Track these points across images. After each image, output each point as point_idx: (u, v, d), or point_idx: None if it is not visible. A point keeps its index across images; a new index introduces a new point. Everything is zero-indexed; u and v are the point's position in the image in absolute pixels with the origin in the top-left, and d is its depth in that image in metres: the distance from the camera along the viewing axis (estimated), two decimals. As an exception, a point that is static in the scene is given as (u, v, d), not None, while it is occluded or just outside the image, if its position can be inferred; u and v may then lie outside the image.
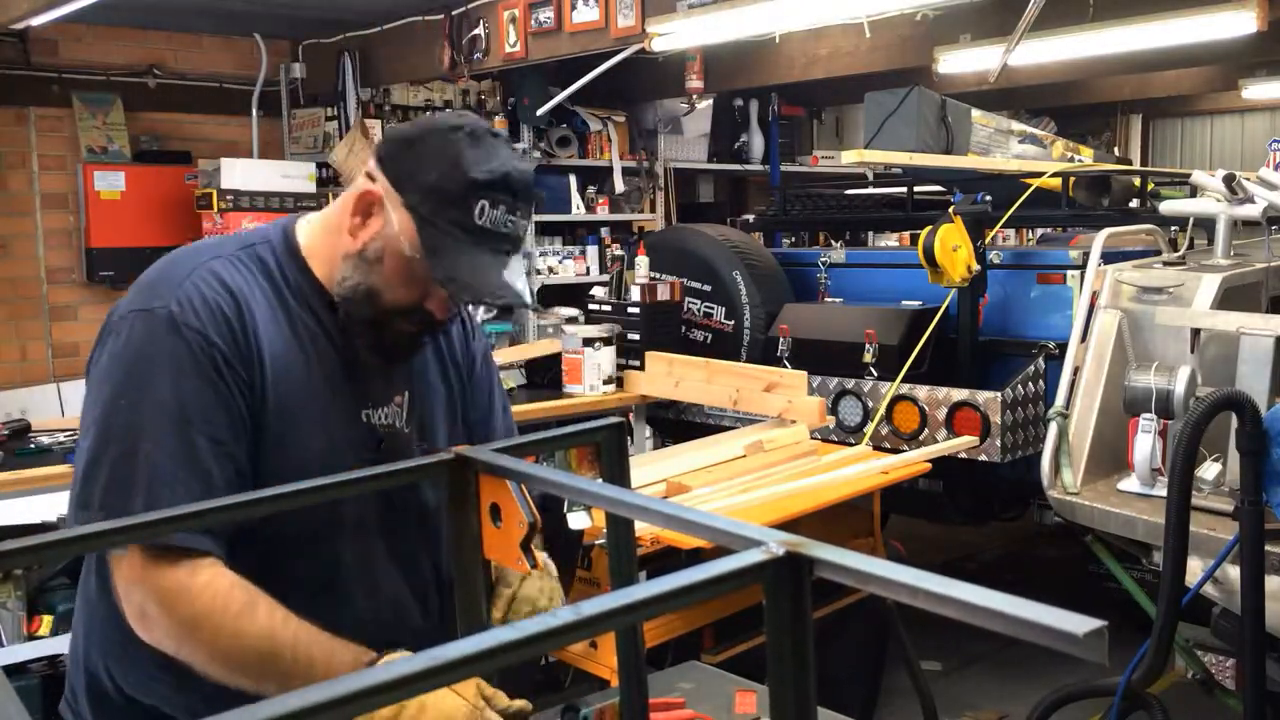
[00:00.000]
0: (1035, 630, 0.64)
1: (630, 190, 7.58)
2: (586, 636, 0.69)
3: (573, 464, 3.74)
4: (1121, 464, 3.49)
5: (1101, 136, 10.75)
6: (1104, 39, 4.88)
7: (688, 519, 0.88)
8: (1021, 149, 5.86)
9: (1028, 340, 4.35)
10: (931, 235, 4.07)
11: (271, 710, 0.57)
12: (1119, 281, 3.79)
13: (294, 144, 6.64)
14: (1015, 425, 3.99)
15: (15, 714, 0.73)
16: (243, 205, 5.75)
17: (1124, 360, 3.57)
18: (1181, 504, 2.56)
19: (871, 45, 5.72)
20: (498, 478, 1.12)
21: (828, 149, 8.48)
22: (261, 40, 6.34)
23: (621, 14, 4.63)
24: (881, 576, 0.72)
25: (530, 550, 1.18)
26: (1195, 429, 2.53)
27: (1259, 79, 7.84)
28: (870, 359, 4.34)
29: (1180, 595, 2.60)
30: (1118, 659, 1.54)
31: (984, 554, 5.86)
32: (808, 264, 5.20)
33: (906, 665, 3.64)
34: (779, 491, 3.28)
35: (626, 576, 1.13)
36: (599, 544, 2.94)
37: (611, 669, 2.89)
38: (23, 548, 0.92)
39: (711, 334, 4.99)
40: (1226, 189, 3.91)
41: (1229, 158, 10.48)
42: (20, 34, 5.64)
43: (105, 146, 6.07)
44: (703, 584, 0.72)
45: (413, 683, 0.62)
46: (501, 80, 6.95)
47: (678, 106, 7.78)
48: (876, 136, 5.28)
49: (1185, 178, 4.75)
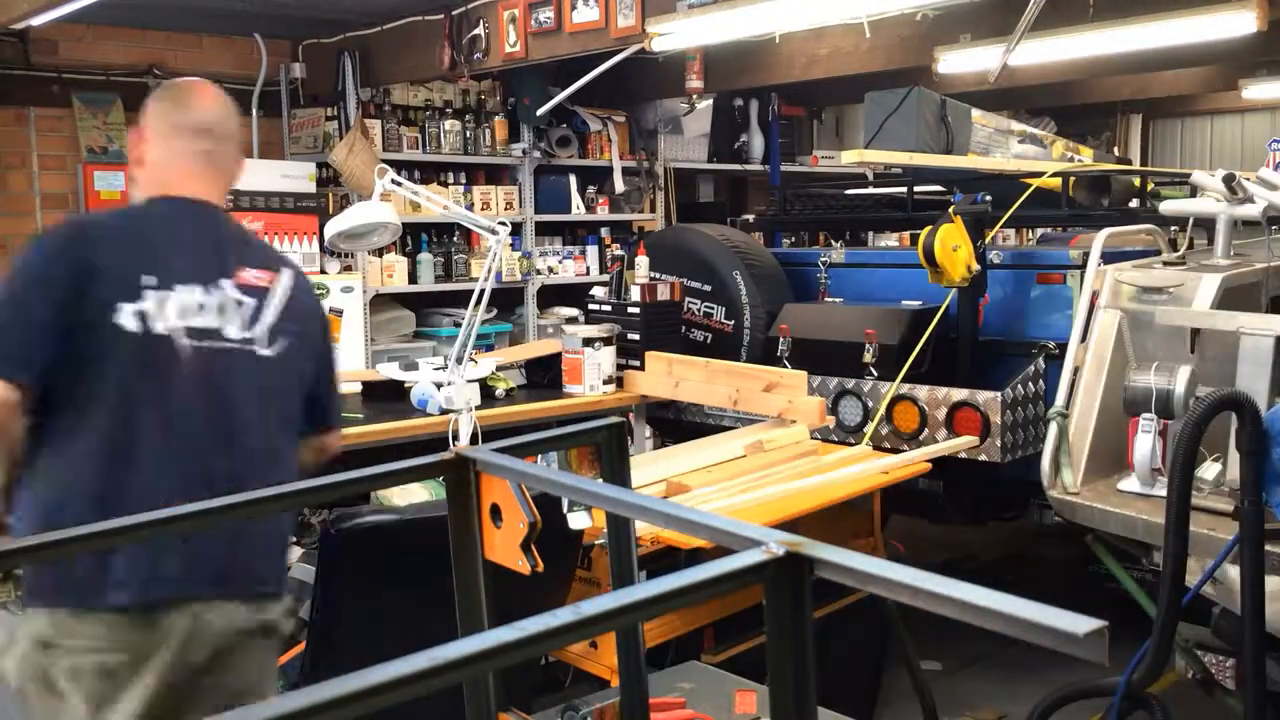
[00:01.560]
0: (1035, 630, 0.64)
1: (630, 190, 7.57)
2: (586, 636, 0.69)
3: (573, 464, 3.74)
4: (1121, 464, 3.49)
5: (1101, 136, 10.74)
6: (1104, 39, 4.88)
7: (688, 519, 0.89)
8: (1021, 149, 5.86)
9: (1028, 340, 4.35)
10: (931, 235, 4.07)
11: (271, 710, 0.57)
12: (1119, 281, 3.79)
13: (294, 144, 6.64)
14: (1015, 425, 3.99)
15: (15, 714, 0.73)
16: (243, 205, 5.75)
17: (1124, 360, 3.57)
18: (1181, 504, 2.56)
19: (871, 45, 5.72)
20: (498, 478, 1.13)
21: (828, 149, 8.47)
22: (261, 40, 6.34)
23: (621, 14, 4.63)
24: (881, 576, 0.72)
25: (531, 550, 1.18)
26: (1195, 429, 2.53)
27: (1259, 79, 7.84)
28: (870, 359, 4.34)
29: (1180, 595, 2.60)
30: (1118, 659, 1.54)
31: (984, 554, 5.87)
32: (808, 264, 5.20)
33: (906, 665, 3.64)
34: (779, 491, 3.28)
35: (626, 576, 1.13)
36: (599, 544, 2.94)
37: (611, 669, 2.89)
38: (23, 548, 0.92)
39: (711, 334, 4.99)
40: (1226, 189, 3.91)
41: (1229, 158, 10.48)
42: (20, 34, 5.64)
43: (105, 146, 6.06)
44: (703, 584, 0.72)
45: (413, 682, 0.62)
46: (501, 80, 6.96)
47: (678, 106, 7.78)
48: (876, 136, 5.29)
49: (1185, 178, 4.75)
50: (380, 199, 3.58)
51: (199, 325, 2.04)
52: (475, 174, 6.95)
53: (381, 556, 2.34)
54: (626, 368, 4.67)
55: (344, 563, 2.31)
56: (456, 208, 4.13)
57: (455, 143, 6.74)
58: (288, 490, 1.10)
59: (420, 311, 6.75)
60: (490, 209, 6.83)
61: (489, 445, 1.15)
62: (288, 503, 1.12)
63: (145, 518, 1.00)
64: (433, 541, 1.36)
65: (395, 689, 0.61)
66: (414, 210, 5.92)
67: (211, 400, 2.04)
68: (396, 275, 6.48)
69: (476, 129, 6.83)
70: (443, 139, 6.69)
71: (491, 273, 3.62)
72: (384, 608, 2.37)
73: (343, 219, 3.56)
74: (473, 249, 6.79)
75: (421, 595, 1.88)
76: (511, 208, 6.98)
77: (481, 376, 4.20)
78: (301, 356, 2.19)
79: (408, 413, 4.03)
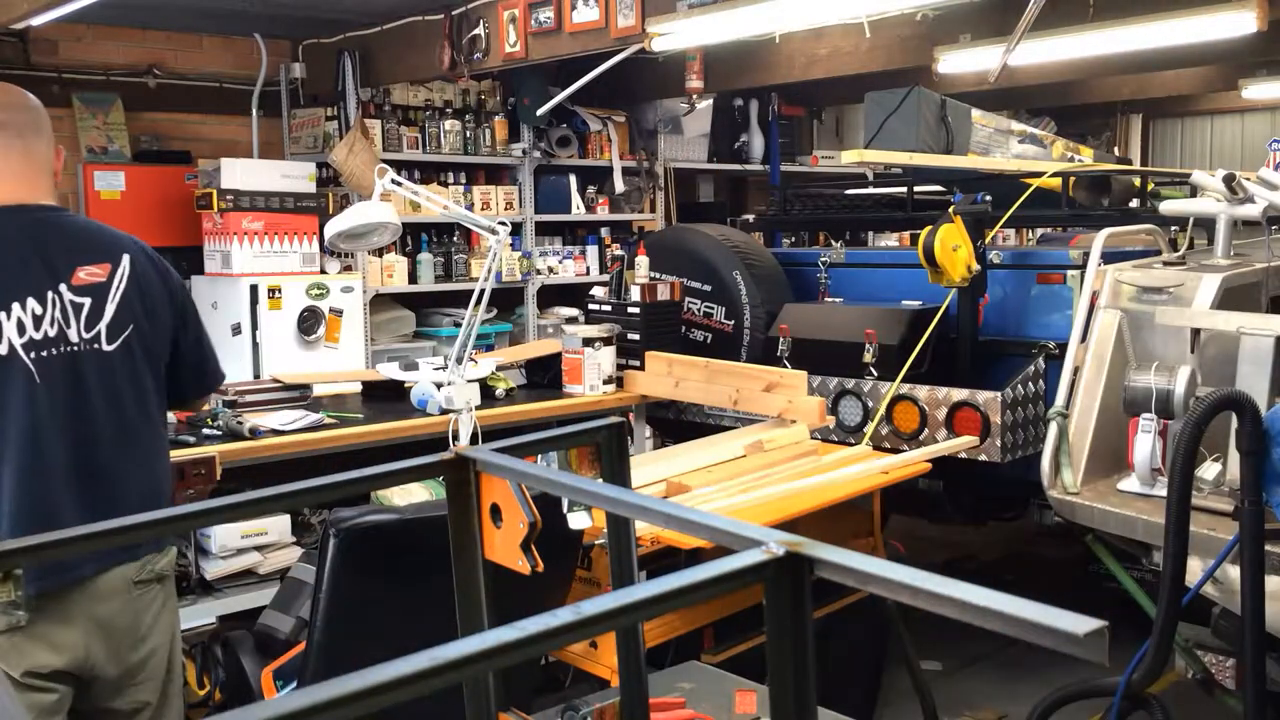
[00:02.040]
0: (1035, 630, 0.64)
1: (630, 190, 7.57)
2: (586, 636, 0.69)
3: (573, 464, 3.74)
4: (1121, 464, 3.49)
5: (1101, 136, 10.75)
6: (1104, 39, 4.88)
7: (688, 519, 0.89)
8: (1021, 149, 5.86)
9: (1028, 340, 4.35)
10: (931, 235, 4.07)
11: (272, 710, 0.57)
12: (1119, 281, 3.79)
13: (294, 144, 6.64)
14: (1015, 425, 3.99)
15: (15, 714, 0.73)
16: (243, 205, 5.75)
17: (1124, 360, 3.57)
18: (1181, 504, 2.56)
19: (871, 45, 5.72)
20: (498, 478, 1.12)
21: (828, 149, 8.47)
22: (261, 40, 6.34)
23: (621, 14, 4.63)
24: (881, 576, 0.72)
25: (531, 550, 1.18)
26: (1195, 429, 2.53)
27: (1259, 79, 7.84)
28: (870, 359, 4.34)
29: (1180, 595, 2.60)
30: (1118, 659, 1.54)
31: (984, 554, 5.86)
32: (808, 264, 5.20)
33: (906, 665, 3.64)
34: (779, 491, 3.28)
35: (626, 576, 1.13)
36: (599, 544, 2.94)
37: (611, 669, 2.89)
38: (23, 548, 0.92)
39: (711, 334, 4.99)
40: (1226, 189, 3.91)
41: (1229, 158, 10.48)
42: (20, 34, 5.64)
43: (105, 146, 6.07)
44: (703, 584, 0.72)
45: (413, 682, 0.62)
46: (501, 80, 6.96)
47: (678, 106, 7.78)
48: (876, 136, 5.29)
49: (1185, 178, 4.75)
50: (380, 199, 3.58)
51: (40, 337, 2.15)
52: (475, 174, 6.95)
53: (381, 556, 2.34)
54: (626, 368, 4.67)
55: (344, 562, 2.30)
56: (456, 208, 4.13)
57: (455, 143, 6.74)
58: (287, 490, 1.10)
59: (420, 311, 6.75)
60: (490, 209, 6.83)
61: (489, 445, 1.15)
62: (287, 503, 1.12)
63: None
64: (433, 541, 1.36)
65: (395, 689, 0.61)
66: (414, 210, 5.92)
67: (66, 408, 2.18)
68: (396, 275, 6.48)
69: (476, 129, 6.83)
70: (443, 139, 6.69)
71: (491, 273, 3.62)
72: (384, 608, 2.37)
73: (343, 219, 3.56)
74: (473, 249, 6.79)
75: (421, 595, 1.89)
76: (511, 208, 6.98)
77: (481, 376, 4.20)
78: (152, 337, 2.31)
79: (408, 413, 4.03)
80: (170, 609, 2.40)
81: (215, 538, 3.74)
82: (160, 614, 2.35)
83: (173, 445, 3.06)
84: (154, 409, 2.37)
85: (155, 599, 2.33)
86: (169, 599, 2.40)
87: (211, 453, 3.27)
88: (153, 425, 2.37)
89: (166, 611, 2.38)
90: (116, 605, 2.24)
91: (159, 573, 2.34)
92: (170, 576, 2.40)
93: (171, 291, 2.39)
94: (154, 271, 2.35)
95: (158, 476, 2.38)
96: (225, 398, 4.00)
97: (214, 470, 3.20)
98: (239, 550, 3.79)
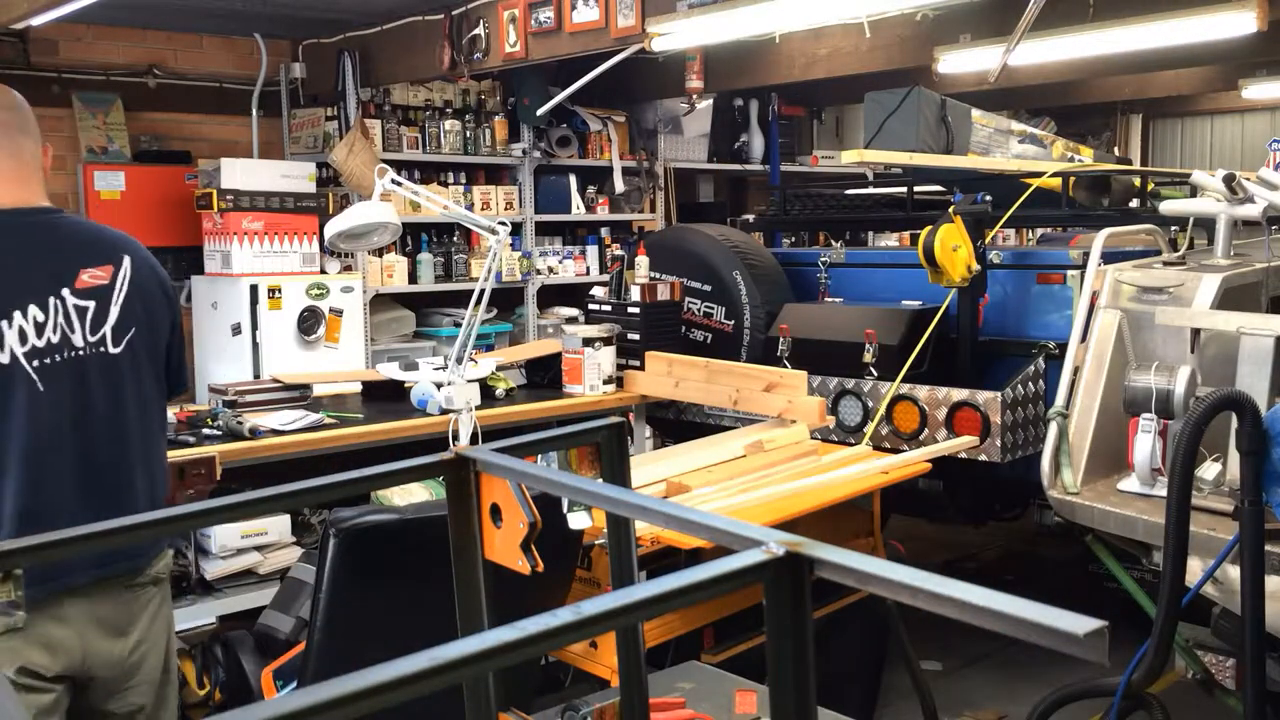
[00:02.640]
0: (1035, 630, 0.64)
1: (630, 190, 7.57)
2: (586, 636, 0.69)
3: (573, 464, 3.74)
4: (1121, 464, 3.49)
5: (1101, 136, 10.74)
6: (1104, 39, 4.87)
7: (688, 519, 0.88)
8: (1021, 149, 5.86)
9: (1028, 340, 4.35)
10: (931, 235, 4.07)
11: (271, 710, 0.57)
12: (1119, 281, 3.79)
13: (294, 144, 6.64)
14: (1015, 425, 3.99)
15: (15, 714, 0.73)
16: (243, 205, 5.75)
17: (1124, 360, 3.57)
18: (1181, 504, 2.56)
19: (871, 45, 5.72)
20: (498, 478, 1.12)
21: (828, 149, 8.48)
22: (261, 40, 6.34)
23: (621, 14, 4.63)
24: (881, 576, 0.72)
25: (531, 550, 1.18)
26: (1195, 429, 2.53)
27: (1259, 79, 7.83)
28: (870, 359, 4.34)
29: (1180, 595, 2.60)
30: (1118, 659, 1.54)
31: (984, 554, 5.86)
32: (808, 264, 5.20)
33: (906, 665, 3.64)
34: (779, 491, 3.28)
35: (626, 576, 1.13)
36: (599, 544, 2.94)
37: (611, 669, 2.89)
38: (23, 548, 0.92)
39: (711, 334, 4.99)
40: (1226, 189, 3.91)
41: (1229, 158, 10.48)
42: (20, 34, 5.64)
43: (105, 146, 6.06)
44: (703, 584, 0.72)
45: (413, 682, 0.62)
46: (501, 80, 6.95)
47: (678, 106, 7.77)
48: (876, 136, 5.28)
49: (1185, 178, 4.76)
50: (380, 199, 3.58)
51: (43, 345, 2.14)
52: (475, 174, 6.94)
53: (381, 556, 2.34)
54: (626, 368, 4.67)
55: (344, 562, 2.30)
56: (456, 208, 4.13)
57: (455, 143, 6.74)
58: (287, 490, 1.10)
59: (420, 311, 6.75)
60: (490, 209, 6.83)
61: (489, 445, 1.15)
62: (287, 503, 1.12)
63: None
64: (433, 541, 1.36)
65: (395, 689, 0.61)
66: (414, 210, 5.92)
67: (69, 415, 2.17)
68: (396, 275, 6.48)
69: (476, 129, 6.83)
70: (443, 139, 6.69)
71: (491, 273, 3.62)
72: (384, 608, 2.37)
73: (343, 219, 3.56)
74: (473, 249, 6.78)
75: (421, 595, 1.89)
76: (511, 208, 6.98)
77: (481, 376, 4.20)
78: (153, 337, 2.32)
79: (408, 413, 4.03)
80: (166, 611, 2.40)
81: (215, 538, 3.75)
82: (156, 616, 2.34)
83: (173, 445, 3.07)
84: (156, 411, 2.37)
85: (151, 601, 2.33)
86: (165, 601, 2.39)
87: (211, 453, 3.27)
88: (155, 427, 2.37)
89: (162, 614, 2.37)
90: (113, 607, 2.24)
91: (155, 575, 2.34)
92: (166, 579, 2.40)
93: (166, 291, 2.40)
94: (151, 271, 2.35)
95: (159, 480, 2.38)
96: (225, 398, 4.00)
97: (214, 470, 3.20)
98: (239, 550, 3.79)
